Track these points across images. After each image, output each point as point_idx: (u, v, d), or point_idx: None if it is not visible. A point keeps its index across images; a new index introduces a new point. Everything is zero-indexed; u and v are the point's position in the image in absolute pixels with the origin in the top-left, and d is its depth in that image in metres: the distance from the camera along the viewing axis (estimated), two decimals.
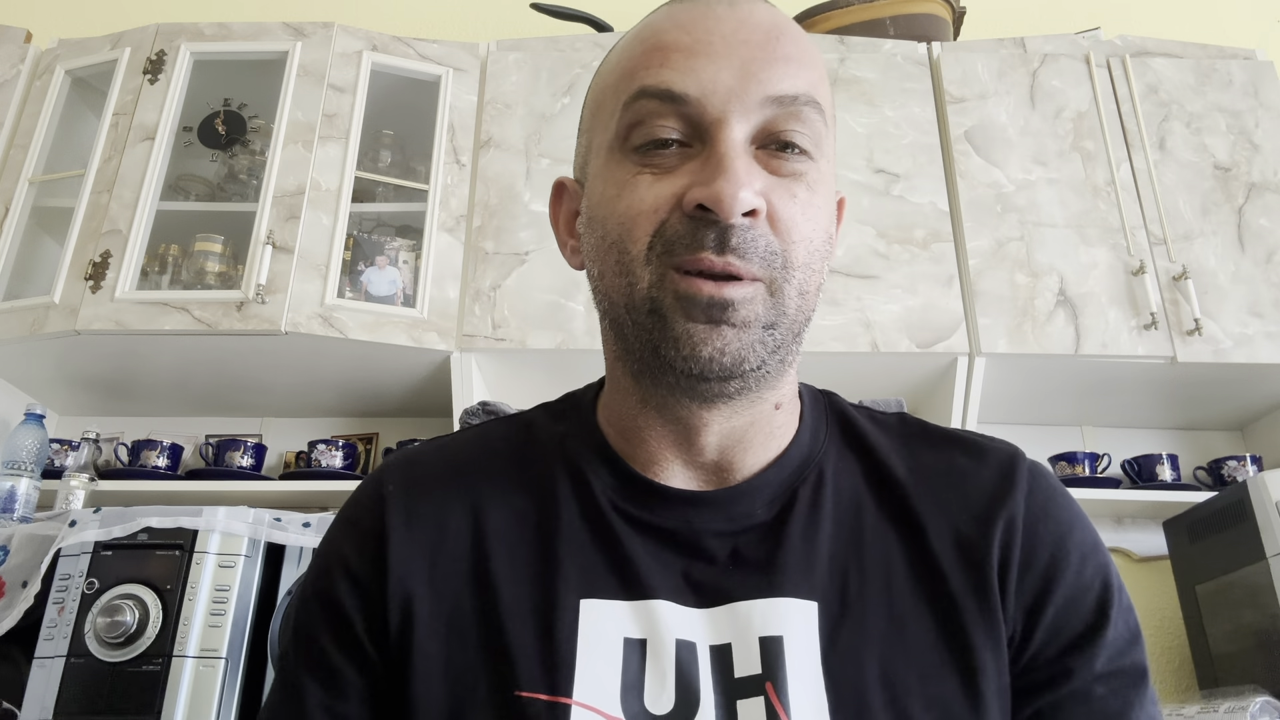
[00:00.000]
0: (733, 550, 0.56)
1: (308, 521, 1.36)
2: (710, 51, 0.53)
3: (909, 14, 2.03)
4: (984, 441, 0.62)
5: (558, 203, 0.64)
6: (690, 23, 0.54)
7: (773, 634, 0.53)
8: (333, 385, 1.88)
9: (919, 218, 1.77)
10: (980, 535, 0.56)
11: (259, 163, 1.89)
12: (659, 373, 0.54)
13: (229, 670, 1.26)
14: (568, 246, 0.63)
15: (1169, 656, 1.83)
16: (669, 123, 0.53)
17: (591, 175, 0.58)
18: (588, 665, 0.53)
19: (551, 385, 1.71)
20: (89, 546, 1.31)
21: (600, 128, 0.57)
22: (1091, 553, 0.58)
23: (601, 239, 0.55)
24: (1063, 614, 0.56)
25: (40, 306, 1.69)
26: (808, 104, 0.53)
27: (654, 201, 0.52)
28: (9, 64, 1.93)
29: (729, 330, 0.51)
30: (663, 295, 0.51)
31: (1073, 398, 1.88)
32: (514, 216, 1.78)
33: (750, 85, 0.52)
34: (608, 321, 0.57)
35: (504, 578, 0.56)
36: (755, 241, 0.51)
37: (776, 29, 0.54)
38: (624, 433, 0.60)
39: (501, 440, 0.64)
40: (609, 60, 0.60)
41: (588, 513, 0.58)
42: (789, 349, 0.54)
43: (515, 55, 1.93)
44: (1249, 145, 1.86)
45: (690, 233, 0.51)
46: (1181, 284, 1.71)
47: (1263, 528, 1.45)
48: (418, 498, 0.60)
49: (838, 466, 0.61)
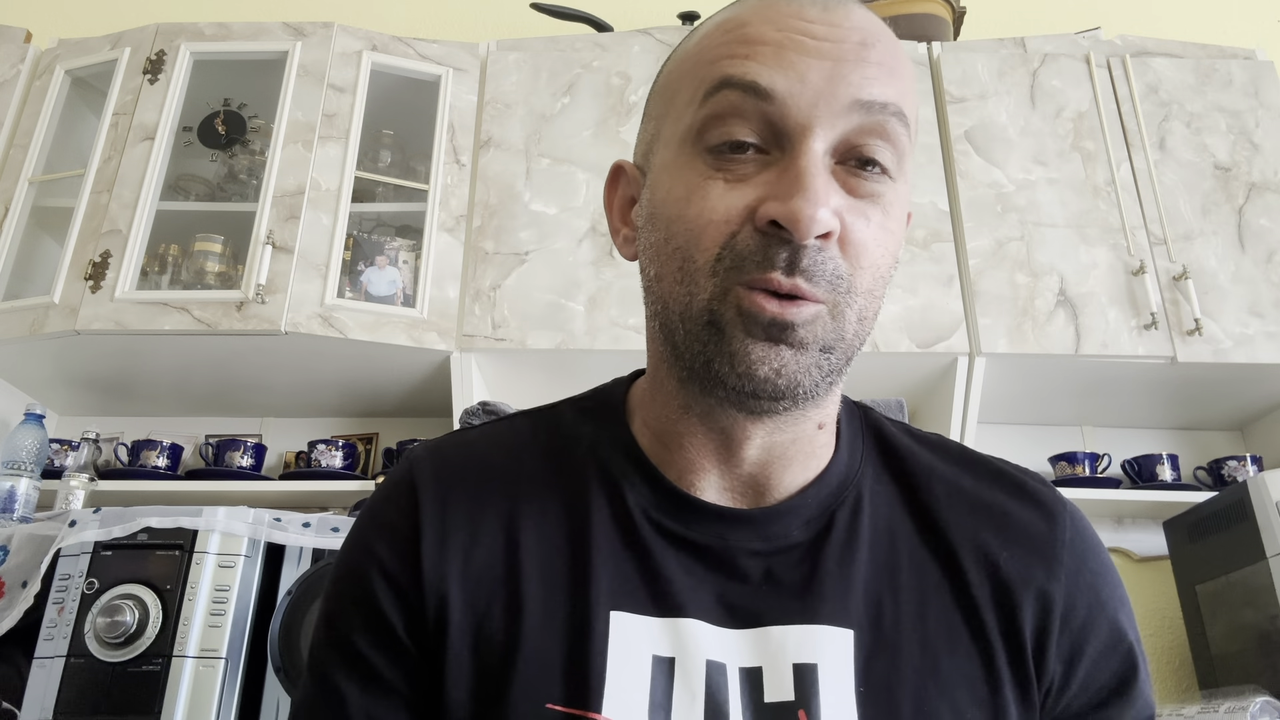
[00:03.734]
0: (766, 570, 0.55)
1: (308, 521, 1.36)
2: (800, 48, 0.50)
3: (909, 14, 2.03)
4: (1027, 480, 0.61)
5: (614, 187, 0.62)
6: (780, 18, 0.51)
7: (807, 661, 0.52)
8: (333, 385, 1.88)
9: (919, 218, 1.77)
10: (1019, 579, 0.56)
11: (259, 163, 1.89)
12: (709, 384, 0.52)
13: (229, 670, 1.26)
14: (620, 234, 0.61)
15: (1169, 656, 1.83)
16: (749, 123, 0.50)
17: (657, 166, 0.55)
18: (616, 681, 0.51)
19: (551, 385, 1.72)
20: (89, 546, 1.31)
21: (673, 117, 0.54)
22: (1122, 603, 0.58)
23: (665, 241, 0.53)
24: (1097, 663, 0.56)
25: (40, 306, 1.69)
26: (895, 114, 0.51)
27: (726, 211, 0.50)
28: (9, 64, 1.93)
29: (787, 351, 0.49)
30: (724, 309, 0.50)
31: (1073, 398, 1.88)
32: (514, 216, 1.78)
33: (839, 87, 0.50)
34: (658, 323, 0.55)
35: (535, 586, 0.55)
36: (825, 264, 0.49)
37: (871, 34, 0.52)
38: (661, 436, 0.58)
39: (530, 439, 0.62)
40: (685, 47, 0.57)
41: (621, 524, 0.57)
42: (841, 372, 0.53)
43: (515, 55, 1.93)
44: (1249, 145, 1.86)
45: (762, 249, 0.49)
46: (1181, 284, 1.71)
47: (1263, 528, 1.45)
48: (449, 497, 0.58)
49: (874, 490, 0.59)
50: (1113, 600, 0.58)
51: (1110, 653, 0.56)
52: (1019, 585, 0.56)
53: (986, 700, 0.53)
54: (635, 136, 0.62)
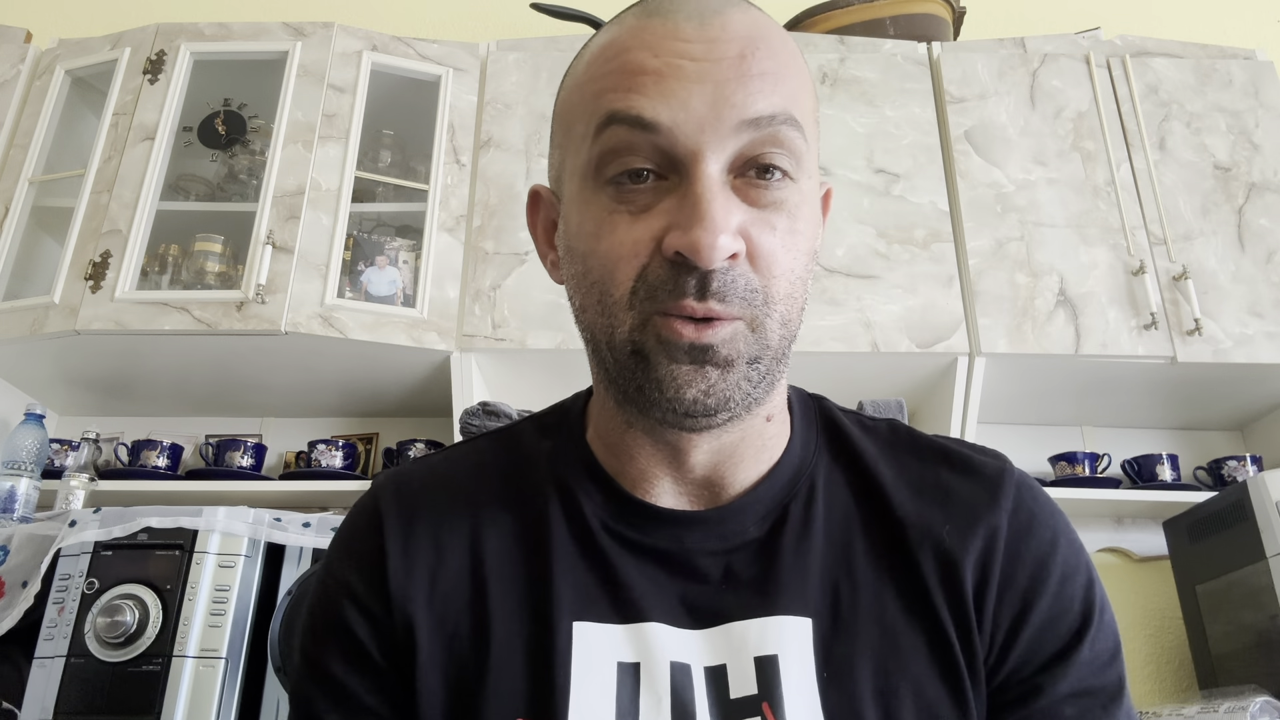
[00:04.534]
0: (726, 569, 0.56)
1: (308, 521, 1.36)
2: (680, 74, 0.50)
3: (909, 14, 2.03)
4: (973, 455, 0.61)
5: (535, 211, 0.63)
6: (658, 41, 0.51)
7: (768, 653, 0.53)
8: (333, 385, 1.88)
9: (919, 218, 1.77)
10: (960, 552, 0.56)
11: (259, 163, 1.89)
12: (644, 407, 0.53)
13: (229, 670, 1.26)
14: (548, 259, 0.62)
15: (1169, 656, 1.83)
16: (641, 153, 0.51)
17: (567, 199, 0.56)
18: (582, 690, 0.53)
19: (551, 385, 1.72)
20: (89, 546, 1.31)
21: (573, 149, 0.55)
22: (1073, 573, 0.57)
23: (583, 275, 0.54)
24: (1039, 635, 0.55)
25: (40, 306, 1.69)
26: (785, 122, 0.51)
27: (634, 245, 0.51)
28: (9, 64, 1.93)
29: (713, 371, 0.50)
30: (645, 338, 0.51)
31: (1073, 398, 1.88)
32: (514, 216, 1.78)
33: (724, 110, 0.50)
34: (591, 349, 0.56)
35: (499, 603, 0.56)
36: (735, 283, 0.50)
37: (749, 43, 0.51)
38: (612, 449, 0.60)
39: (491, 459, 0.64)
40: (575, 72, 0.57)
41: (579, 534, 0.58)
42: (775, 374, 0.54)
43: (515, 55, 1.93)
44: (1249, 145, 1.86)
45: (672, 279, 0.50)
46: (1181, 284, 1.71)
47: (1263, 528, 1.45)
48: (413, 519, 0.59)
49: (829, 479, 0.60)
50: (1060, 571, 0.57)
51: (1055, 623, 0.56)
52: (960, 557, 0.56)
53: (945, 676, 0.54)
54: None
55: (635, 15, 0.54)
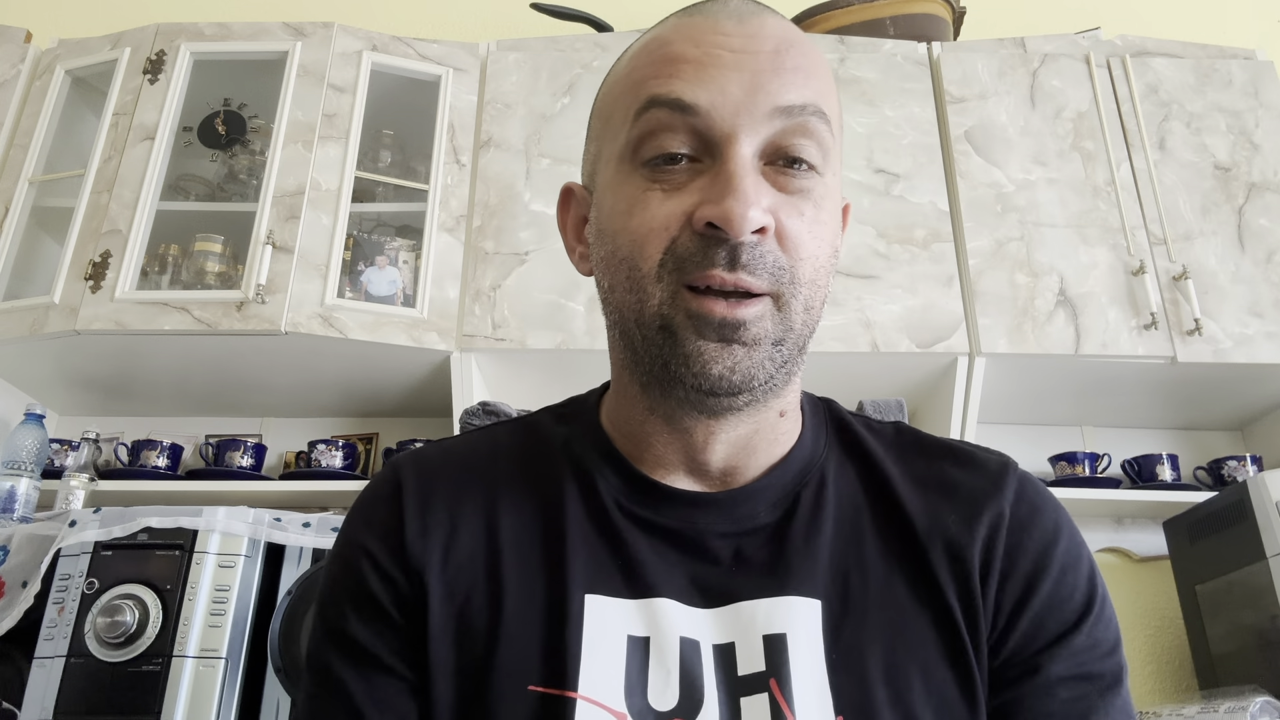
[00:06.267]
0: (736, 551, 0.58)
1: (308, 521, 1.36)
2: (719, 63, 0.54)
3: (909, 14, 2.03)
4: (977, 452, 0.64)
5: (565, 208, 0.65)
6: (699, 35, 0.55)
7: (776, 631, 0.55)
8: (333, 385, 1.88)
9: (919, 218, 1.77)
10: (966, 540, 0.58)
11: (259, 163, 1.89)
12: (668, 386, 0.55)
13: (229, 670, 1.26)
14: (576, 252, 0.64)
15: (1169, 656, 1.84)
16: (679, 136, 0.53)
17: (601, 186, 0.59)
18: (592, 661, 0.54)
19: (551, 385, 1.72)
20: (89, 546, 1.31)
21: (610, 138, 0.58)
22: (1075, 563, 0.59)
23: (612, 253, 0.56)
24: (1041, 617, 0.57)
25: (40, 306, 1.69)
26: (814, 114, 0.54)
27: (665, 219, 0.53)
28: (9, 64, 1.93)
29: (739, 349, 0.52)
30: (674, 313, 0.52)
31: (1073, 398, 1.88)
32: (514, 216, 1.78)
33: (758, 96, 0.53)
34: (617, 332, 0.58)
35: (513, 574, 0.57)
36: (764, 257, 0.52)
37: (785, 41, 0.55)
38: (630, 437, 0.61)
39: (507, 442, 0.65)
40: (616, 70, 0.61)
41: (593, 512, 0.59)
42: (795, 362, 0.56)
43: (515, 55, 1.93)
44: (1249, 145, 1.86)
45: (701, 250, 0.52)
46: (1181, 284, 1.71)
47: (1263, 528, 1.45)
48: (430, 493, 0.61)
49: (839, 473, 0.62)
50: (1063, 560, 0.58)
51: (1057, 608, 0.57)
52: (965, 543, 0.58)
53: (953, 661, 0.55)
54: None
55: (677, 16, 0.58)
